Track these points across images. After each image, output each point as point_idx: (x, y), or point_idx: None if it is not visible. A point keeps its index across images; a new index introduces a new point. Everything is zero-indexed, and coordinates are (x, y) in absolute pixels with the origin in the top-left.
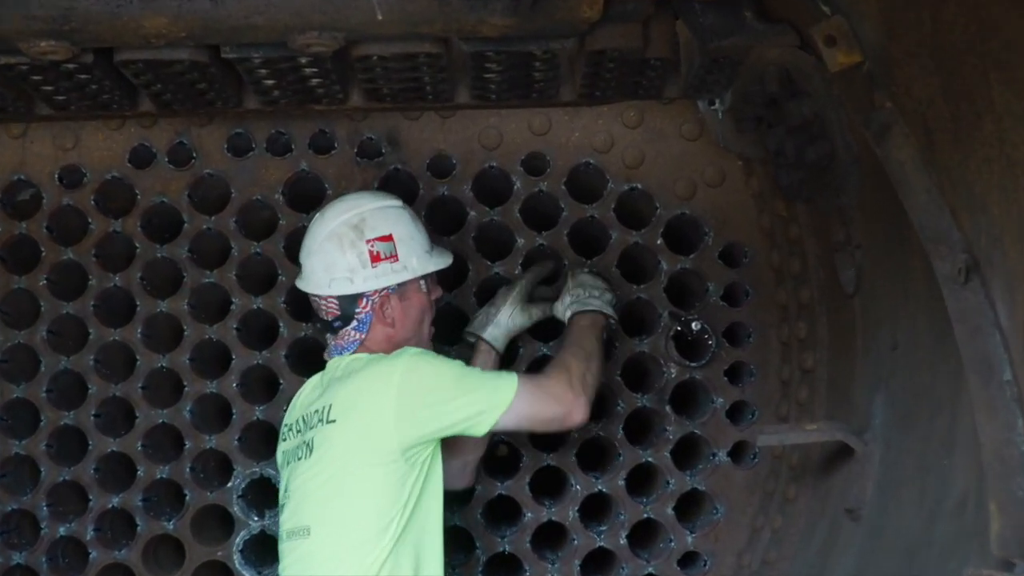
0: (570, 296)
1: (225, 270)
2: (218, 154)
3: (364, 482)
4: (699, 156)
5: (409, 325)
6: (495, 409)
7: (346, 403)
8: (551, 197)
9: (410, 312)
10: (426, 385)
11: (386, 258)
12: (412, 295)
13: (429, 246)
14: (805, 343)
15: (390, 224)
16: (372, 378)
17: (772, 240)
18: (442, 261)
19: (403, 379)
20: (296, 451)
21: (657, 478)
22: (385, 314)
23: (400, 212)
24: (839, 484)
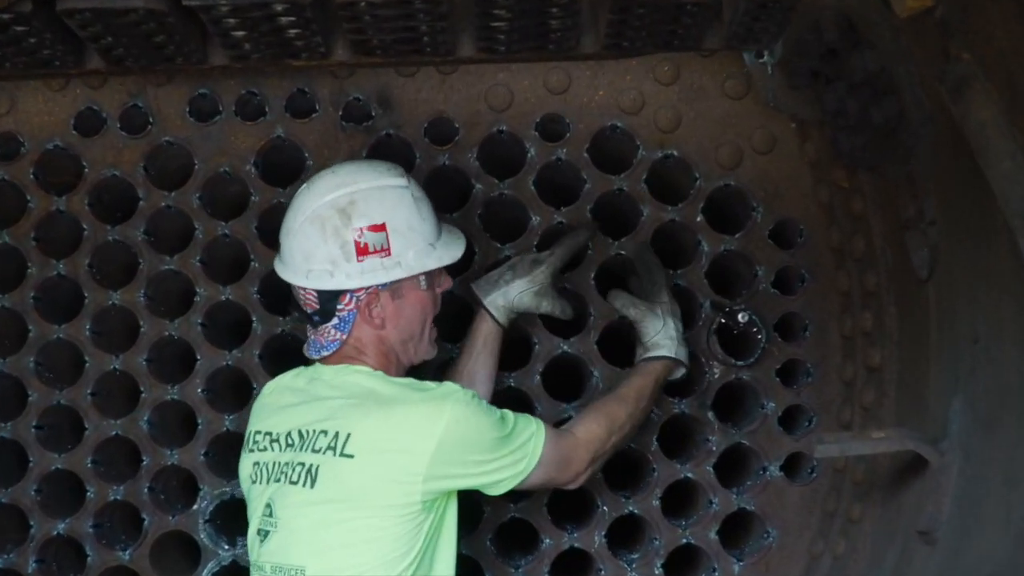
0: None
1: (188, 255)
2: (179, 119)
3: (376, 530)
4: (745, 118)
5: (404, 327)
6: (517, 477)
7: (371, 440)
8: (571, 167)
9: (405, 312)
10: (469, 443)
11: (376, 251)
12: (408, 293)
13: (435, 235)
14: (871, 337)
15: (385, 209)
16: (412, 421)
17: (831, 216)
18: (448, 254)
19: (447, 432)
20: (287, 471)
21: (698, 497)
22: (372, 314)
23: (401, 194)
24: (911, 502)
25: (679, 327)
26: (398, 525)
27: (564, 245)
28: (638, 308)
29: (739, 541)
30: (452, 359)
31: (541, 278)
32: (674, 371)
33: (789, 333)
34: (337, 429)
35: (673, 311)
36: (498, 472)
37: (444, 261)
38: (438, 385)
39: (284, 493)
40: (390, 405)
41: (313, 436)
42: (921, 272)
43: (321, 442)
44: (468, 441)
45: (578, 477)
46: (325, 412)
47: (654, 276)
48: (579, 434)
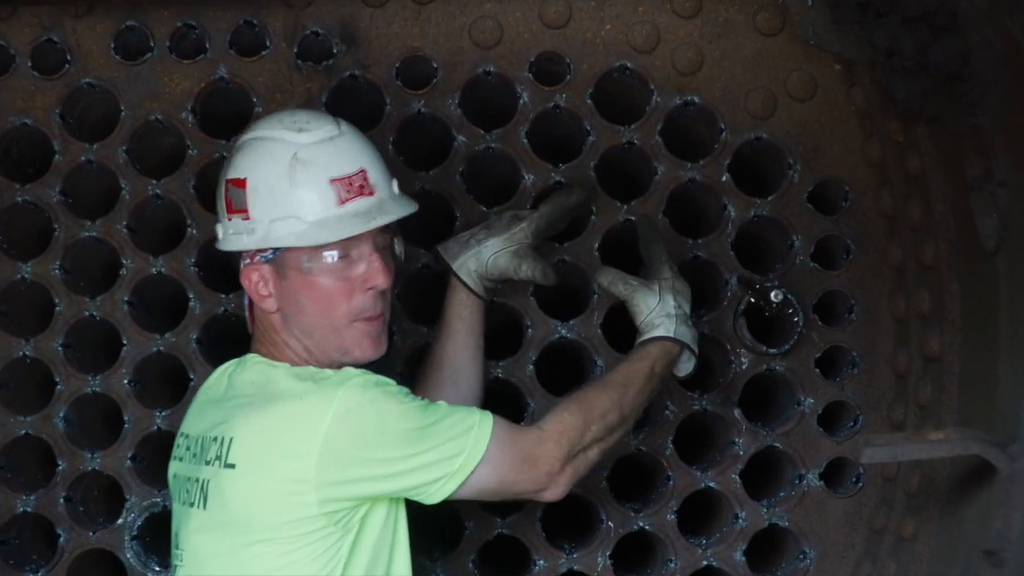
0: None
1: (112, 220)
2: (102, 56)
3: (276, 557)
4: (780, 58)
5: (296, 314)
6: (448, 482)
7: (252, 445)
8: (572, 115)
9: (295, 297)
10: (367, 437)
11: (237, 211)
12: (293, 274)
13: (312, 209)
14: (929, 320)
15: (252, 163)
16: (295, 417)
17: (882, 176)
18: (320, 235)
19: (334, 425)
20: (189, 488)
21: (721, 510)
22: (259, 292)
23: (279, 149)
24: (975, 517)
25: (682, 306)
26: (302, 549)
27: (551, 202)
28: (628, 284)
29: (770, 563)
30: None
31: (520, 236)
32: (679, 360)
33: (831, 315)
34: (224, 434)
35: (676, 288)
36: (421, 472)
37: (302, 242)
38: (336, 373)
39: (187, 518)
40: (272, 401)
41: (207, 445)
42: (989, 243)
43: (211, 452)
44: (365, 435)
45: (553, 481)
46: (220, 415)
47: (652, 251)
48: (546, 427)
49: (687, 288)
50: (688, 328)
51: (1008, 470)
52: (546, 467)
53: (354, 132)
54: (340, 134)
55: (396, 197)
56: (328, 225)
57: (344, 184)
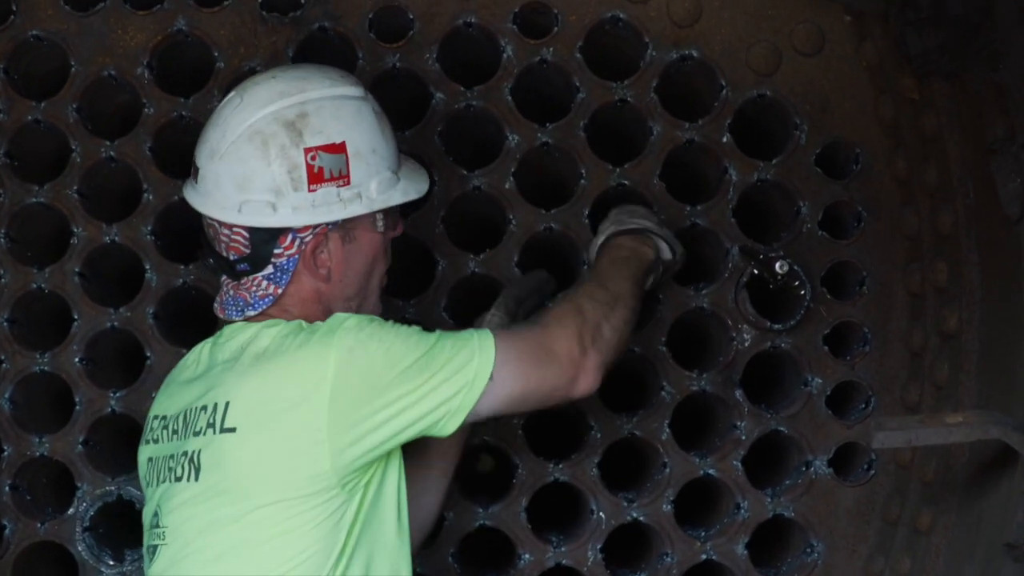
0: (608, 220)
1: (61, 184)
2: (49, 7)
3: (278, 523)
4: (785, 8)
5: (352, 279)
6: (469, 392)
7: (254, 404)
8: (560, 71)
9: (355, 261)
10: (375, 371)
11: (332, 179)
12: (362, 235)
13: (396, 161)
14: (946, 294)
15: (344, 125)
16: (295, 371)
17: (896, 137)
18: (414, 187)
19: (341, 367)
20: (172, 465)
21: (722, 500)
22: (318, 262)
23: (360, 107)
24: (995, 507)
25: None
26: (304, 514)
27: (515, 285)
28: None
29: (775, 557)
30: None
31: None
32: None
33: (841, 288)
34: (216, 400)
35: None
36: (436, 395)
37: (410, 195)
38: (327, 321)
39: (170, 494)
40: (269, 358)
41: (195, 416)
42: (1012, 210)
43: (201, 421)
44: (373, 370)
45: (580, 367)
46: (204, 386)
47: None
48: (543, 321)
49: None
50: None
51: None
52: (565, 352)
53: None
54: None
55: None
56: (411, 177)
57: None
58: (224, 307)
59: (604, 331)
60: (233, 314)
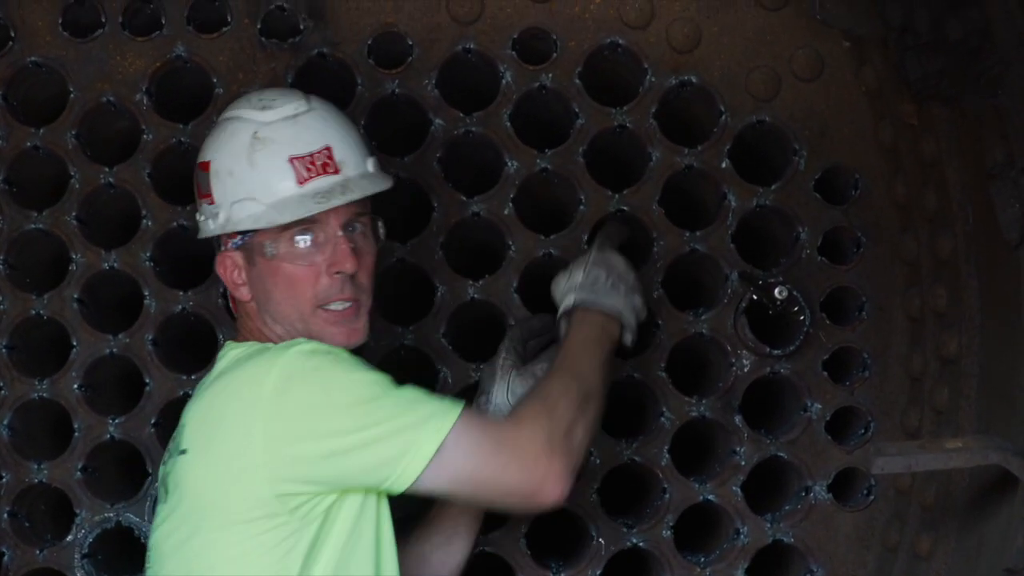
0: (583, 274)
1: (60, 210)
2: (49, 33)
3: (231, 547)
4: (784, 34)
5: (276, 303)
6: (413, 458)
7: (201, 424)
8: (559, 97)
9: (265, 283)
10: (313, 406)
11: (203, 195)
12: (259, 259)
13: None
14: (946, 320)
15: (214, 144)
16: (236, 388)
17: (896, 162)
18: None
19: (277, 394)
20: (159, 485)
21: (721, 526)
22: (233, 280)
23: (239, 129)
24: (995, 532)
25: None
26: (254, 539)
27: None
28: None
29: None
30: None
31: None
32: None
33: (840, 313)
34: (183, 421)
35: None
36: (377, 448)
37: (259, 223)
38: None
39: (155, 514)
40: (220, 377)
41: (175, 437)
42: (1011, 235)
43: (173, 444)
44: (310, 404)
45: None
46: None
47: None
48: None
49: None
50: (599, 293)
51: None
52: (531, 454)
53: (325, 108)
54: (308, 110)
55: (367, 175)
56: (286, 206)
57: (305, 162)
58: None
59: (576, 433)
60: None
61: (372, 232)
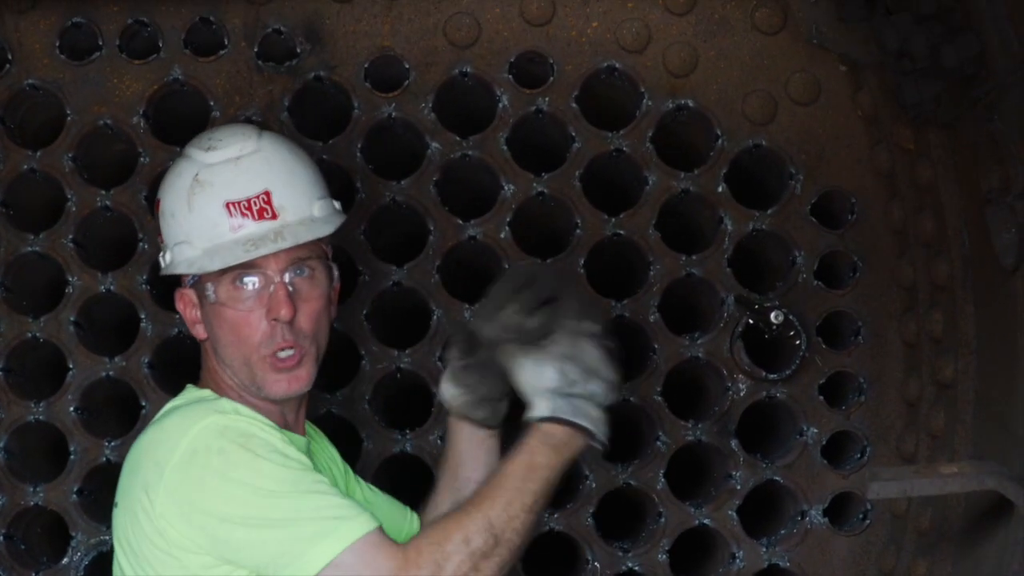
0: (553, 369)
1: (57, 233)
2: (46, 56)
3: None
4: (781, 58)
5: (223, 346)
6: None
7: (125, 476)
8: (556, 120)
9: (213, 326)
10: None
11: (159, 233)
12: (204, 303)
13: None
14: (942, 345)
15: (166, 184)
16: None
17: (892, 187)
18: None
19: (180, 464)
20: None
21: (717, 550)
22: (188, 317)
23: (184, 169)
24: (992, 557)
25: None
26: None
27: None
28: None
29: None
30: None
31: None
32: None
33: (836, 338)
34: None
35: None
36: (261, 546)
37: (192, 269)
38: (212, 402)
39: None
40: (150, 428)
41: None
42: (1007, 260)
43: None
44: (204, 484)
45: None
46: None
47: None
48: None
49: (593, 351)
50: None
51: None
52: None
53: (275, 148)
54: (254, 151)
55: (307, 221)
56: (217, 252)
57: (240, 207)
58: None
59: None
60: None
61: (325, 275)
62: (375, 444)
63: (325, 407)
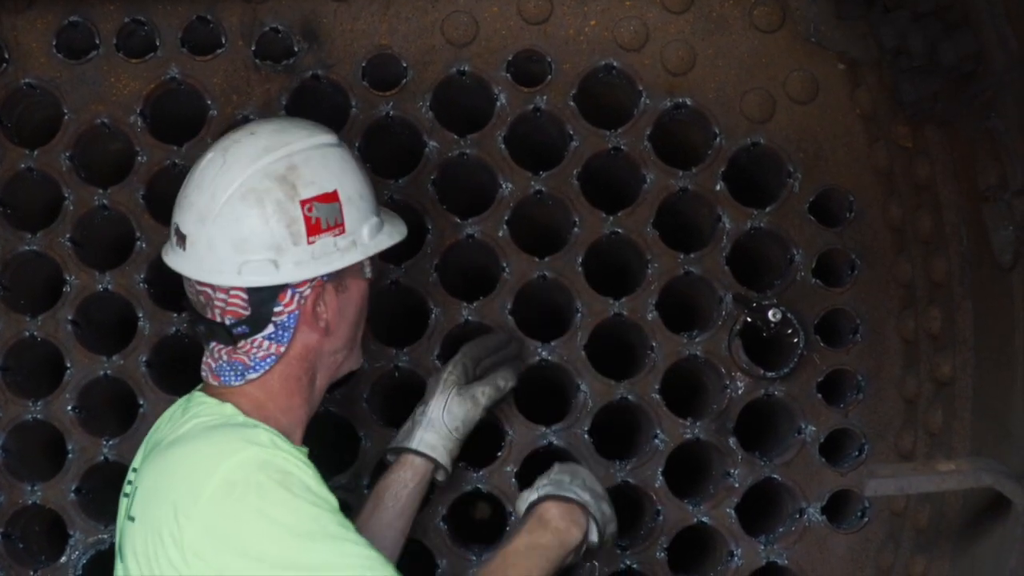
0: (546, 477)
1: (54, 232)
2: (43, 55)
3: None
4: (779, 57)
5: (344, 330)
6: None
7: (148, 495)
8: (553, 119)
9: (347, 311)
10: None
11: (328, 228)
12: (352, 284)
13: (377, 206)
14: (940, 341)
15: (333, 173)
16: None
17: (890, 184)
18: (396, 229)
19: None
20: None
21: (715, 547)
22: (318, 315)
23: (343, 154)
24: (989, 554)
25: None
26: None
27: (473, 345)
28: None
29: None
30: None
31: (453, 382)
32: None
33: (834, 336)
34: (136, 484)
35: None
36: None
37: (395, 238)
38: (247, 430)
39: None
40: (177, 444)
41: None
42: (1004, 257)
43: (126, 500)
44: (245, 516)
45: None
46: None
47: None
48: None
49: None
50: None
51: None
52: None
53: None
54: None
55: None
56: (389, 219)
57: None
58: (218, 374)
59: None
60: (233, 380)
61: None
62: (373, 443)
63: (323, 406)
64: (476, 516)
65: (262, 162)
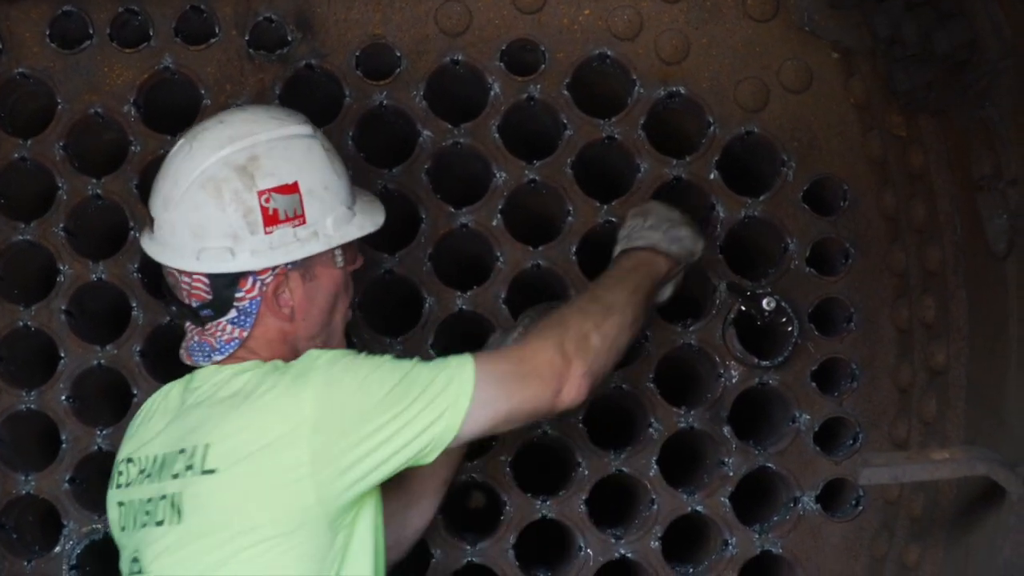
0: (625, 229)
1: (48, 222)
2: (37, 44)
3: (265, 565)
4: (773, 46)
5: (315, 316)
6: (452, 417)
7: (233, 445)
8: (547, 108)
9: (317, 298)
10: (354, 405)
11: (287, 219)
12: (322, 272)
13: (351, 196)
14: (934, 330)
15: (295, 165)
16: (271, 408)
17: (884, 173)
18: (370, 220)
19: (319, 401)
20: (152, 510)
21: (710, 536)
22: (280, 302)
23: (310, 145)
24: (983, 543)
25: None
26: (292, 551)
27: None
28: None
29: None
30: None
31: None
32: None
33: (828, 324)
34: (195, 443)
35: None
36: (417, 422)
37: (367, 229)
38: (299, 360)
39: (152, 538)
40: (247, 398)
41: (172, 459)
42: (998, 246)
43: (179, 464)
44: (351, 402)
45: (562, 377)
46: (182, 427)
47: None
48: (531, 339)
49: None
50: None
51: (1018, 492)
52: (546, 364)
53: None
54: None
55: None
56: (366, 210)
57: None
58: (191, 353)
59: (592, 340)
60: (200, 359)
61: None
62: None
63: None
64: (471, 505)
65: (224, 151)
